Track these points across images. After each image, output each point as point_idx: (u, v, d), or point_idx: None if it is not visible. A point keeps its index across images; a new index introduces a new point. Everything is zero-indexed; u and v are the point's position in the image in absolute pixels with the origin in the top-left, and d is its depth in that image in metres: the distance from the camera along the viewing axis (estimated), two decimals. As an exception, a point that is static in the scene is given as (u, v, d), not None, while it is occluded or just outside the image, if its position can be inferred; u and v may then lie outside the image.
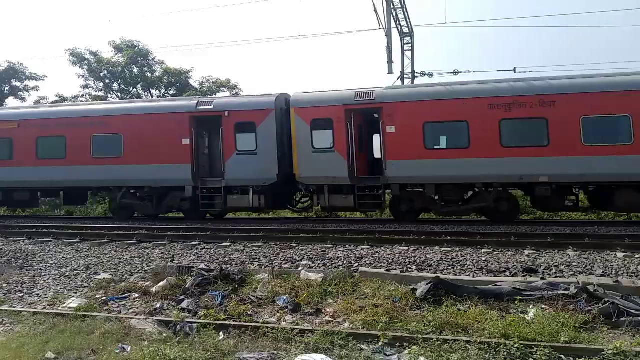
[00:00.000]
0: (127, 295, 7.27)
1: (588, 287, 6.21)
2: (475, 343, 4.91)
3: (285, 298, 6.69)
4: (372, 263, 8.37)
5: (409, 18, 22.64)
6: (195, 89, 31.29)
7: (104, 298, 7.20)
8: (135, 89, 32.06)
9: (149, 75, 31.73)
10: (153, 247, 10.48)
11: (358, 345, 5.14)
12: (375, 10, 20.77)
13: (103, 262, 9.27)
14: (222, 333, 5.59)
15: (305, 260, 8.78)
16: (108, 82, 31.87)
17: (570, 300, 6.06)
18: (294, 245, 10.09)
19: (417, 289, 6.51)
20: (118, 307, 6.86)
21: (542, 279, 6.89)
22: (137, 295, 7.26)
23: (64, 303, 7.07)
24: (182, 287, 7.28)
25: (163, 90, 32.05)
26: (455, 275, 7.43)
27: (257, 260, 8.95)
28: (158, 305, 6.71)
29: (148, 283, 7.75)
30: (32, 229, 13.06)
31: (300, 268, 8.18)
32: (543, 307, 6.00)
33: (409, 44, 23.34)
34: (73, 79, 72.68)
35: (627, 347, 4.70)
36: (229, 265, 8.45)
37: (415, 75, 23.47)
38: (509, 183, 13.32)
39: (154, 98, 15.95)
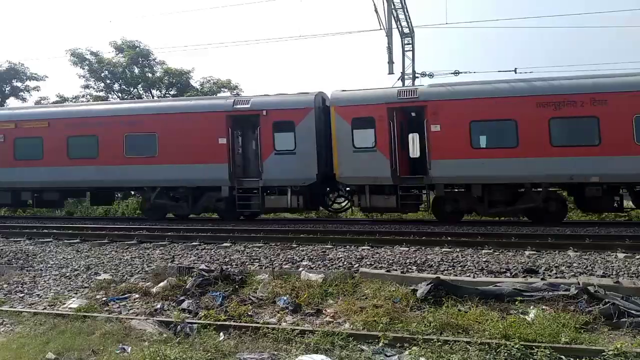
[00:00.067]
0: (127, 296, 7.26)
1: (588, 287, 6.20)
2: (476, 344, 4.91)
3: (286, 299, 6.69)
4: (372, 264, 8.36)
5: (410, 18, 22.66)
6: (196, 90, 31.33)
7: (105, 298, 7.19)
8: (136, 89, 32.10)
9: (150, 76, 31.77)
10: (153, 247, 10.48)
11: (358, 346, 5.14)
12: (376, 11, 20.82)
13: (103, 262, 9.27)
14: (222, 333, 5.59)
15: (306, 261, 8.78)
16: (109, 82, 31.91)
17: (571, 301, 6.06)
18: (295, 246, 10.09)
19: (417, 290, 6.51)
20: (118, 307, 6.86)
21: (542, 280, 6.89)
22: (137, 296, 7.26)
23: (65, 303, 7.07)
24: (182, 287, 7.28)
25: (164, 91, 32.10)
26: (456, 276, 7.42)
27: (257, 261, 8.95)
28: (158, 306, 6.71)
29: (148, 283, 7.75)
30: (32, 230, 13.07)
31: (301, 269, 8.18)
32: (543, 307, 5.99)
33: (410, 45, 23.35)
34: (74, 79, 72.71)
35: (627, 347, 4.69)
36: (230, 266, 8.45)
37: (416, 76, 23.50)
38: (559, 183, 13.07)
39: (189, 96, 15.61)
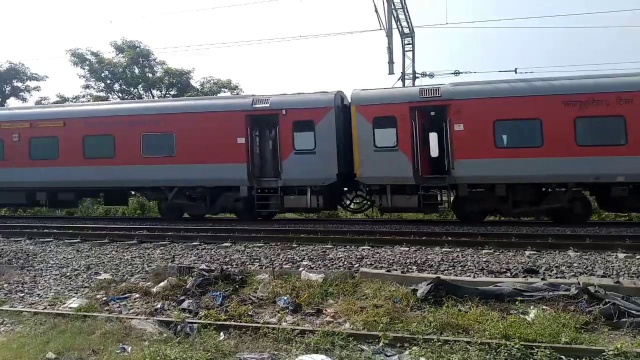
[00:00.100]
0: (127, 296, 7.26)
1: (589, 287, 6.20)
2: (476, 344, 4.91)
3: (286, 298, 6.69)
4: (372, 263, 8.36)
5: (410, 18, 22.67)
6: (196, 90, 31.35)
7: (105, 298, 7.19)
8: (136, 90, 32.13)
9: (150, 76, 31.80)
10: (154, 247, 10.49)
11: (358, 346, 5.13)
12: (376, 11, 20.84)
13: (104, 262, 9.27)
14: (222, 333, 5.59)
15: (306, 261, 8.78)
16: (109, 82, 31.95)
17: (571, 301, 6.06)
18: (295, 246, 10.09)
19: (417, 290, 6.51)
20: (119, 307, 6.86)
21: (542, 280, 6.89)
22: (137, 296, 7.25)
23: (65, 303, 7.07)
24: (182, 287, 7.28)
25: (164, 91, 32.13)
26: (456, 276, 7.42)
27: (257, 261, 8.95)
28: (159, 306, 6.71)
29: (149, 283, 7.75)
30: (32, 229, 13.07)
31: (301, 268, 8.18)
32: (544, 307, 5.99)
33: (410, 45, 23.36)
34: (74, 80, 72.76)
35: (627, 347, 4.69)
36: (230, 266, 8.45)
37: (416, 76, 23.51)
38: (584, 183, 12.94)
39: (207, 96, 15.45)
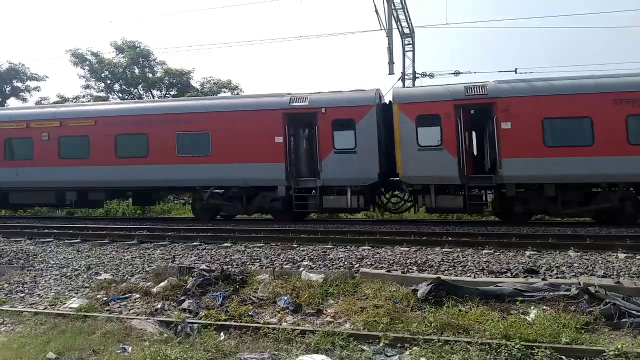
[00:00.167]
0: (128, 296, 7.26)
1: (589, 288, 6.20)
2: (476, 344, 4.91)
3: (286, 299, 6.68)
4: (373, 264, 8.36)
5: (410, 19, 22.68)
6: (197, 90, 31.38)
7: (105, 298, 7.19)
8: (137, 90, 32.15)
9: (150, 76, 31.83)
10: (154, 247, 10.49)
11: (359, 346, 5.13)
12: (376, 11, 20.85)
13: (104, 262, 9.27)
14: (223, 333, 5.59)
15: (306, 261, 8.77)
16: (109, 82, 32.00)
17: (572, 301, 6.05)
18: (295, 246, 10.09)
19: (418, 290, 6.50)
20: (119, 307, 6.85)
21: (543, 280, 6.88)
22: (138, 296, 7.25)
23: (65, 303, 7.07)
24: (183, 287, 7.28)
25: (164, 91, 32.16)
26: (457, 276, 7.42)
27: (258, 261, 8.95)
28: (159, 306, 6.71)
29: (149, 283, 7.75)
30: (33, 229, 13.06)
31: (301, 269, 8.18)
32: (544, 308, 5.99)
33: (410, 45, 23.36)
34: (74, 80, 72.77)
35: (628, 348, 4.69)
36: (230, 266, 8.44)
37: (417, 76, 23.51)
38: (636, 182, 12.71)
39: (243, 94, 15.32)
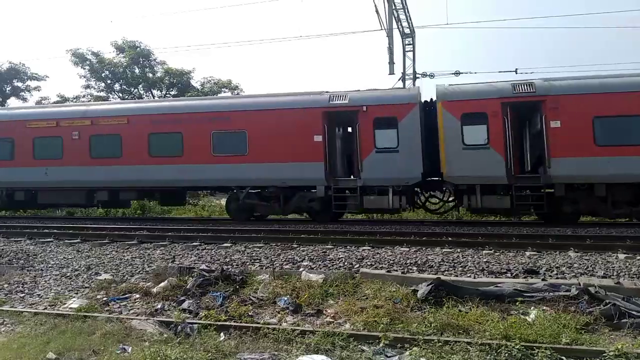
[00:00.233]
0: (128, 296, 7.26)
1: (589, 288, 6.20)
2: (476, 344, 4.91)
3: (286, 299, 6.68)
4: (373, 264, 8.35)
5: (410, 19, 22.69)
6: (197, 90, 31.39)
7: (105, 298, 7.19)
8: (137, 89, 32.17)
9: (151, 76, 31.85)
10: (154, 247, 10.48)
11: (359, 346, 5.13)
12: (377, 11, 20.84)
13: (104, 262, 9.27)
14: (222, 334, 5.59)
15: (306, 261, 8.77)
16: (109, 82, 32.02)
17: (572, 302, 6.05)
18: (295, 246, 10.08)
19: (418, 290, 6.50)
20: (119, 307, 6.86)
21: (543, 280, 6.87)
22: (138, 296, 7.25)
23: (65, 303, 7.07)
24: (183, 287, 7.28)
25: (164, 91, 32.17)
26: (457, 276, 7.41)
27: (258, 261, 8.94)
28: (159, 306, 6.71)
29: (149, 284, 7.75)
30: (33, 229, 13.04)
31: (301, 269, 8.17)
32: (544, 308, 5.98)
33: (411, 45, 23.38)
34: (75, 79, 72.74)
35: (628, 348, 4.69)
36: (230, 266, 8.44)
37: (417, 76, 23.51)
38: None
39: (281, 92, 15.10)
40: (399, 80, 22.69)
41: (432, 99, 14.36)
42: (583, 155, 12.55)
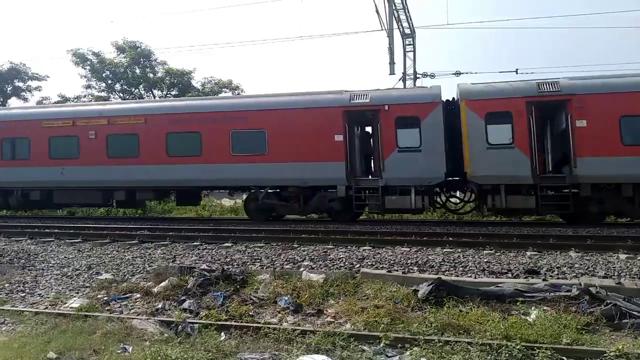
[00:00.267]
0: (128, 296, 7.27)
1: (590, 288, 6.19)
2: (477, 344, 4.90)
3: (287, 299, 6.68)
4: (373, 264, 8.35)
5: (411, 19, 22.73)
6: (198, 90, 31.42)
7: (106, 298, 7.20)
8: (137, 90, 32.20)
9: (151, 76, 31.87)
10: (155, 247, 10.49)
11: (359, 346, 5.13)
12: (377, 12, 20.88)
13: (105, 262, 9.28)
14: (223, 333, 5.59)
15: (307, 261, 8.77)
16: (110, 82, 32.04)
17: (572, 302, 6.05)
18: (296, 246, 10.08)
19: (418, 290, 6.50)
20: (120, 307, 6.86)
21: (544, 281, 6.87)
22: (138, 296, 7.26)
23: (66, 303, 7.08)
24: (183, 287, 7.28)
25: (165, 91, 32.20)
26: (457, 277, 7.41)
27: (258, 261, 8.95)
28: (160, 306, 6.71)
29: (150, 283, 7.76)
30: (34, 229, 13.06)
31: (302, 269, 8.18)
32: (545, 308, 5.98)
33: (411, 45, 23.40)
34: (75, 80, 72.81)
35: (629, 349, 4.68)
36: (231, 266, 8.45)
37: (417, 77, 23.53)
38: None
39: (301, 91, 15.01)
40: (400, 80, 22.74)
41: (454, 98, 14.30)
42: (610, 155, 12.43)
